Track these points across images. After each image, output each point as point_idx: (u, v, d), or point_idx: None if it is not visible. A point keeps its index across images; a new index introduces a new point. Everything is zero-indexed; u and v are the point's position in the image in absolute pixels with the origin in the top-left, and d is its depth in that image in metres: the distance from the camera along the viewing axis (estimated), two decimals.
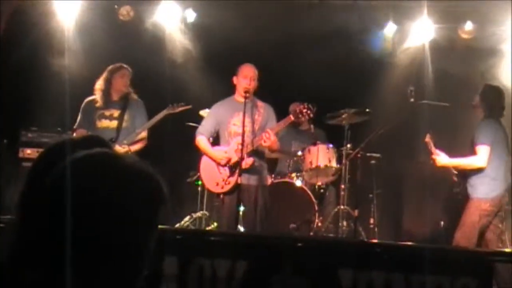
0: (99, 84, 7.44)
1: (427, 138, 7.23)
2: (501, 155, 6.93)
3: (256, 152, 7.09)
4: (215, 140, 7.47)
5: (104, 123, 7.41)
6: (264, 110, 7.19)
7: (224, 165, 7.09)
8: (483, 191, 6.89)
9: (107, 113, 7.44)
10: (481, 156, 6.87)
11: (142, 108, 7.61)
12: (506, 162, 6.99)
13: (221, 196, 7.14)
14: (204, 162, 7.30)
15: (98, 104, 7.43)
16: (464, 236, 6.90)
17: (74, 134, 7.32)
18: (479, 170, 6.91)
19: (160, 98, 8.25)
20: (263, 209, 7.07)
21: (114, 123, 7.40)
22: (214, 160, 7.15)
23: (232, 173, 7.05)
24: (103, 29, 8.76)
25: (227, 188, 7.06)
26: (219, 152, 7.14)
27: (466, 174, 7.04)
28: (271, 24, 9.21)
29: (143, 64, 8.72)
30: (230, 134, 7.15)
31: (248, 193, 6.97)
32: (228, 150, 7.09)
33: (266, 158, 7.44)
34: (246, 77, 7.08)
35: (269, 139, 6.82)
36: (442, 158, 7.12)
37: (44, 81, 8.62)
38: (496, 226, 6.99)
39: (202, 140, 7.26)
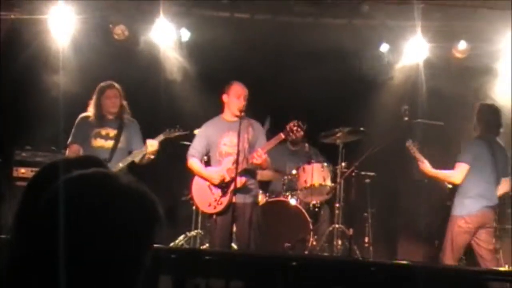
0: (91, 105, 7.35)
1: (408, 143, 7.37)
2: (483, 174, 7.07)
3: (248, 171, 7.11)
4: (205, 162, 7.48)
5: (99, 142, 7.29)
6: (253, 128, 7.19)
7: (217, 185, 7.09)
8: (458, 209, 7.12)
9: (103, 132, 7.32)
10: (457, 173, 7.12)
11: (137, 128, 7.50)
12: (489, 181, 7.08)
13: (214, 216, 7.13)
14: (196, 183, 7.31)
15: (93, 122, 7.31)
16: (444, 252, 7.16)
17: (68, 150, 7.32)
18: (459, 189, 7.16)
19: (156, 118, 8.27)
20: (256, 228, 7.07)
21: (109, 143, 7.28)
22: (208, 180, 7.15)
23: (224, 193, 7.05)
24: (98, 48, 8.78)
25: (219, 208, 7.06)
26: (214, 172, 7.15)
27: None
28: (266, 42, 9.25)
29: (138, 83, 8.75)
30: (221, 154, 7.17)
31: (243, 212, 6.98)
32: (219, 170, 7.10)
33: (257, 177, 7.46)
34: (239, 96, 7.08)
35: (260, 157, 6.83)
36: (426, 166, 7.28)
37: (39, 100, 8.63)
38: (487, 241, 7.09)
39: (194, 162, 7.27)
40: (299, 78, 9.09)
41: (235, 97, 7.10)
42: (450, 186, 7.57)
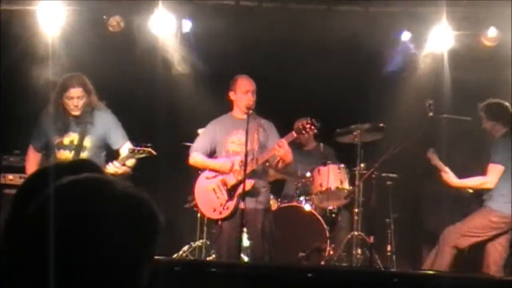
0: (50, 104, 6.80)
1: (430, 153, 7.41)
2: None
3: (259, 173, 7.09)
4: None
5: (63, 154, 6.74)
6: (264, 127, 7.19)
7: (229, 172, 7.05)
8: (497, 204, 7.17)
9: (66, 140, 6.76)
10: (491, 177, 7.21)
11: (110, 122, 6.83)
12: None
13: (219, 223, 7.13)
14: (199, 185, 7.31)
15: (55, 125, 6.74)
16: (457, 232, 7.30)
17: (29, 156, 6.99)
18: (497, 186, 7.18)
19: (153, 116, 8.27)
20: (270, 236, 7.06)
21: (74, 155, 6.68)
22: (217, 171, 7.12)
23: (230, 197, 7.03)
24: (92, 42, 8.79)
25: (225, 213, 7.05)
26: (221, 161, 7.13)
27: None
28: (275, 33, 9.26)
29: (135, 79, 8.78)
30: (228, 152, 7.16)
31: (254, 220, 6.96)
32: (229, 160, 7.10)
33: (268, 180, 7.45)
34: (247, 92, 7.07)
35: (282, 148, 6.77)
36: (449, 177, 7.31)
37: (28, 102, 8.64)
38: (502, 245, 7.25)
39: (197, 155, 7.23)
40: (312, 71, 9.09)
41: (242, 93, 7.09)
42: (471, 190, 7.63)
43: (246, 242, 7.33)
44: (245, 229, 6.94)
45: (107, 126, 6.80)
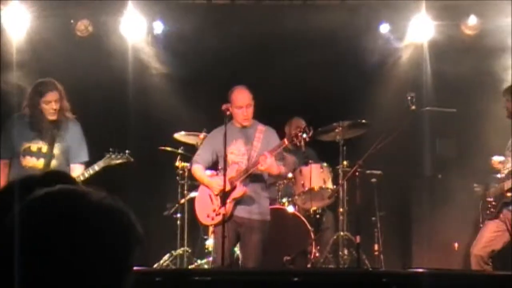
0: (26, 109, 6.84)
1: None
2: None
3: (255, 180, 7.12)
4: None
5: (30, 161, 6.76)
6: (262, 135, 7.22)
7: (217, 194, 7.11)
8: None
9: (34, 147, 6.77)
10: None
11: (78, 134, 6.93)
12: None
13: (212, 229, 7.18)
14: (200, 191, 7.40)
15: (24, 131, 6.77)
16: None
17: None
18: None
19: (127, 125, 8.23)
20: (259, 247, 7.06)
21: (41, 162, 6.76)
22: (210, 188, 7.20)
23: (223, 204, 7.06)
24: (59, 48, 8.75)
25: (217, 220, 7.08)
26: (214, 180, 7.19)
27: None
28: (249, 30, 9.27)
29: (106, 86, 8.73)
30: (228, 163, 7.19)
31: (249, 230, 6.99)
32: (221, 180, 7.13)
33: (266, 188, 7.42)
34: (241, 107, 7.10)
35: (264, 162, 6.81)
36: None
37: None
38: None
39: (198, 169, 7.32)
40: (289, 68, 9.11)
41: (236, 108, 7.11)
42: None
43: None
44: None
45: (74, 139, 6.89)
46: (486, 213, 7.42)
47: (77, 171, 6.79)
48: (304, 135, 6.99)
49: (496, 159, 7.35)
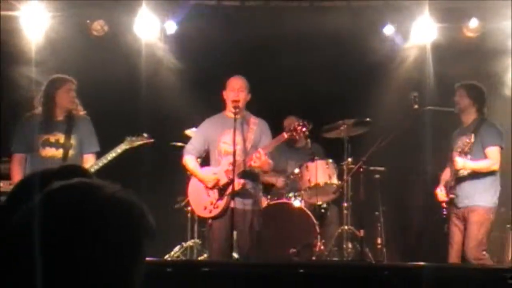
0: (40, 101, 6.96)
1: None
2: None
3: (249, 173, 7.11)
4: (205, 160, 7.49)
5: (49, 151, 6.88)
6: (256, 127, 7.21)
7: (212, 188, 7.11)
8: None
9: (52, 138, 6.91)
10: (496, 158, 7.22)
11: (89, 127, 7.08)
12: None
13: (210, 221, 7.16)
14: (193, 184, 7.33)
15: (39, 125, 6.90)
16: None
17: (11, 161, 7.04)
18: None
19: (139, 121, 8.23)
20: (255, 235, 7.07)
21: (60, 152, 6.89)
22: (203, 182, 7.18)
23: (221, 196, 7.06)
24: (76, 47, 8.76)
25: (215, 212, 7.08)
26: (208, 174, 7.16)
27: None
28: (258, 31, 9.26)
29: (120, 83, 8.75)
30: (220, 153, 7.17)
31: (243, 219, 6.99)
32: (218, 171, 7.12)
33: (260, 180, 7.45)
34: (233, 89, 7.11)
35: (259, 159, 6.83)
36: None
37: (15, 105, 8.60)
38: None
39: (190, 160, 7.28)
40: (296, 68, 9.11)
41: (230, 91, 7.14)
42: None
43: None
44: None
45: (86, 130, 7.04)
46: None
47: (90, 161, 6.96)
48: (304, 129, 7.00)
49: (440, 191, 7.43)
